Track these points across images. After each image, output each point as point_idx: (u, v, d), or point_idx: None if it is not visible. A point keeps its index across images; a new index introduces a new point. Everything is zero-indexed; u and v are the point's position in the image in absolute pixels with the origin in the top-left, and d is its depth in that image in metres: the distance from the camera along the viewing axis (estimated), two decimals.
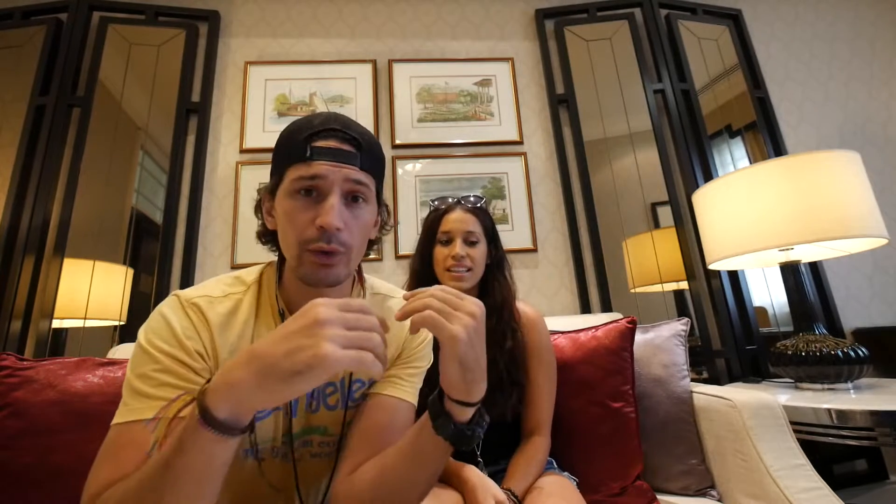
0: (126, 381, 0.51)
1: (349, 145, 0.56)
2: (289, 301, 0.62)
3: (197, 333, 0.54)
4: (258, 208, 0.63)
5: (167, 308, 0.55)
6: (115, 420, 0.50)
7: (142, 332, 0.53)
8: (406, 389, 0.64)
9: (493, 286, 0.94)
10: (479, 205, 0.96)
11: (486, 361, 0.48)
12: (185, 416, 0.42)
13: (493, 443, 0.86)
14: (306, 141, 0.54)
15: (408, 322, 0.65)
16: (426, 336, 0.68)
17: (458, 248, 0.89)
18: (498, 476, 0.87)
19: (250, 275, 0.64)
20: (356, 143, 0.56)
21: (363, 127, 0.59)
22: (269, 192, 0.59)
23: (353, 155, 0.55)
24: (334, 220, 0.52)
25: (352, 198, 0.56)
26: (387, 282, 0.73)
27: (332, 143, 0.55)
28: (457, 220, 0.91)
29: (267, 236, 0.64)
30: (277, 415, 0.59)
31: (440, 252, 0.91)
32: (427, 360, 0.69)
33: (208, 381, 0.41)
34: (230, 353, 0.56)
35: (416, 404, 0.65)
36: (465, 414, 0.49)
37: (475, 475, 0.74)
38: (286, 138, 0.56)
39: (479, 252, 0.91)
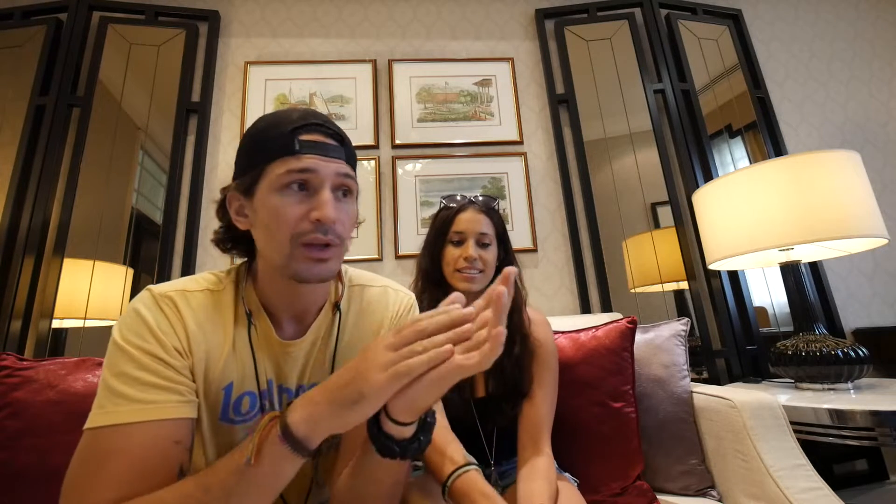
0: (102, 381, 0.49)
1: (332, 139, 0.55)
2: (267, 301, 0.59)
3: (172, 329, 0.52)
4: (222, 210, 0.59)
5: (140, 304, 0.53)
6: (91, 424, 0.46)
7: (116, 330, 0.51)
8: None
9: None
10: (492, 205, 0.94)
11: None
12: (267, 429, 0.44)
13: (504, 446, 0.87)
14: (293, 134, 0.52)
15: (384, 318, 0.65)
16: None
17: (471, 249, 0.86)
18: (509, 474, 0.87)
19: (226, 273, 0.62)
20: (339, 138, 0.56)
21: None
22: (241, 192, 0.55)
23: (338, 149, 0.55)
24: (332, 213, 0.51)
25: (341, 192, 0.55)
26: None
27: (317, 137, 0.53)
28: (470, 220, 0.89)
29: (229, 241, 0.61)
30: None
31: (451, 252, 0.89)
32: None
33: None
34: (206, 351, 0.54)
35: None
36: (408, 431, 0.46)
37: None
38: (263, 132, 0.54)
39: (491, 254, 0.89)
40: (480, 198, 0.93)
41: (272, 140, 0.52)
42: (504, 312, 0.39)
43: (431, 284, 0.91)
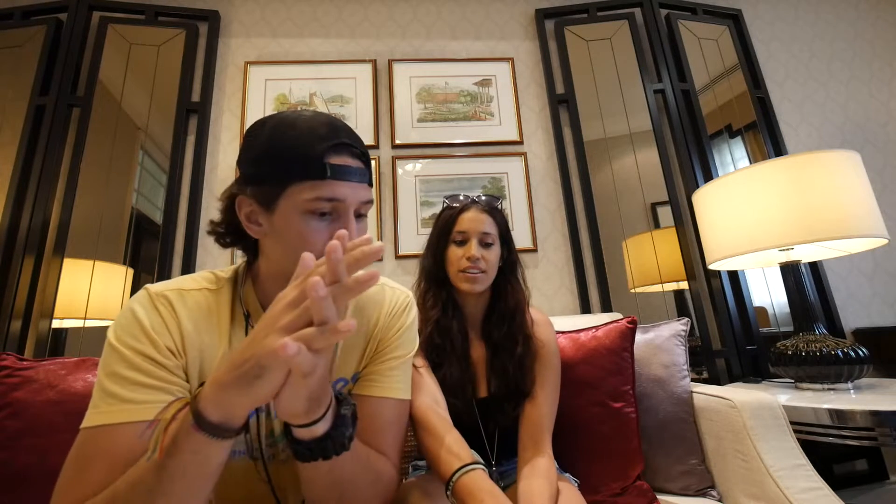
0: (97, 380, 0.49)
1: (359, 161, 0.54)
2: (268, 301, 0.59)
3: (166, 329, 0.53)
4: (229, 211, 0.58)
5: (136, 303, 0.54)
6: (85, 423, 0.47)
7: (111, 330, 0.52)
8: (386, 385, 0.62)
9: (506, 290, 0.91)
10: (495, 205, 0.93)
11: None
12: (180, 418, 0.41)
13: (506, 446, 0.87)
14: (323, 156, 0.50)
15: (380, 314, 0.65)
16: (403, 323, 0.66)
17: (474, 249, 0.86)
18: (510, 474, 0.87)
19: (225, 273, 0.62)
20: (365, 160, 0.55)
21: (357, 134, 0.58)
22: (256, 201, 0.53)
23: (364, 172, 0.54)
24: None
25: (357, 215, 0.55)
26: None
27: (346, 160, 0.52)
28: (472, 219, 0.88)
29: (229, 236, 0.60)
30: (259, 416, 0.58)
31: (454, 252, 0.88)
32: (409, 347, 0.67)
33: (201, 384, 0.41)
34: (200, 350, 0.54)
35: (404, 397, 0.64)
36: (318, 429, 0.43)
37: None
38: (290, 147, 0.51)
39: (494, 254, 0.89)
40: (483, 197, 0.92)
41: (299, 157, 0.50)
42: (338, 266, 0.36)
43: (434, 285, 0.91)
